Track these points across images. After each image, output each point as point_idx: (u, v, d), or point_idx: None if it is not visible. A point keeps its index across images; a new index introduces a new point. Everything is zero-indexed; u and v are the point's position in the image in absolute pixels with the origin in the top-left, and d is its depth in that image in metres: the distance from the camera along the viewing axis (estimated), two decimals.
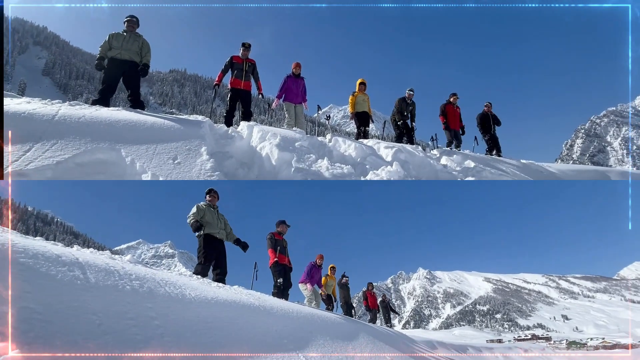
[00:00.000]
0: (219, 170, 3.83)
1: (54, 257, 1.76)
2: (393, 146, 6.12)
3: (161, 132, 4.18)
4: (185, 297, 2.22)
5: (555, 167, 8.28)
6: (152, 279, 2.17)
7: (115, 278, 1.92)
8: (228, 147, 4.65)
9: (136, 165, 3.61)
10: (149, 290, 2.02)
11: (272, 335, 2.51)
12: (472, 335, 78.07)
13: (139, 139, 3.97)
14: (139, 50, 5.41)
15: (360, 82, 7.89)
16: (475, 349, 14.63)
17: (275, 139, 4.85)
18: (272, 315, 2.86)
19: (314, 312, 3.78)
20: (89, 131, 3.82)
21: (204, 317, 2.16)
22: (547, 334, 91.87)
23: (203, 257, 4.14)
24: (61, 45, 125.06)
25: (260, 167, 4.53)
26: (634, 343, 46.30)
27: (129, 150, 3.77)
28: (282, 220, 5.66)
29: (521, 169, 7.11)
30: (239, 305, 2.64)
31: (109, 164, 3.60)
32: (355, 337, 3.53)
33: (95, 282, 1.78)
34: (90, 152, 3.57)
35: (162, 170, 3.65)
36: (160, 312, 1.91)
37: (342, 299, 8.29)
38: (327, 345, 2.88)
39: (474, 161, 6.54)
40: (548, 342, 59.25)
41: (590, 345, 54.11)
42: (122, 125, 4.09)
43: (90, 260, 1.94)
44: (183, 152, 3.96)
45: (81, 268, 1.81)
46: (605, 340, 60.67)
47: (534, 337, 77.38)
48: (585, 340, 62.59)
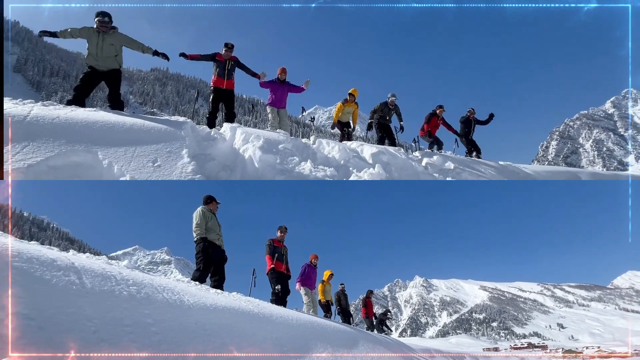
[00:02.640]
0: (200, 173, 3.74)
1: (49, 261, 1.70)
2: (376, 148, 6.15)
3: (140, 133, 4.05)
4: (183, 303, 2.16)
5: (531, 168, 8.65)
6: (149, 284, 2.11)
7: (112, 283, 1.86)
8: (210, 149, 4.54)
9: (114, 169, 3.50)
10: (147, 296, 1.96)
11: (271, 343, 2.45)
12: (468, 344, 77.61)
13: (117, 141, 3.84)
14: (115, 55, 5.00)
15: (351, 92, 7.95)
16: (472, 358, 14.51)
17: (259, 141, 4.76)
18: (271, 322, 2.80)
19: (313, 320, 3.70)
20: (63, 133, 3.67)
21: (202, 323, 2.10)
22: (543, 343, 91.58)
23: (202, 263, 4.05)
24: (34, 40, 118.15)
25: (243, 170, 4.44)
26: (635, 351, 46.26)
27: (106, 153, 3.64)
28: (280, 226, 5.60)
29: (499, 170, 7.34)
30: (237, 312, 2.57)
31: (85, 167, 3.47)
32: (355, 345, 3.46)
33: (92, 287, 1.72)
34: (64, 155, 3.44)
35: (141, 173, 3.54)
36: (157, 319, 1.85)
37: (338, 308, 8.20)
38: (327, 352, 2.81)
39: (454, 163, 6.63)
40: (544, 350, 59.03)
41: (586, 354, 53.97)
42: (99, 126, 3.94)
43: (86, 265, 1.88)
44: (163, 154, 3.84)
45: (77, 273, 1.75)
46: (600, 349, 60.56)
47: (530, 346, 77.09)
48: (581, 349, 62.45)
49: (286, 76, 7.07)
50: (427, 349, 11.05)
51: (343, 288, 8.54)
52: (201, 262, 4.06)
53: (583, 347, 69.30)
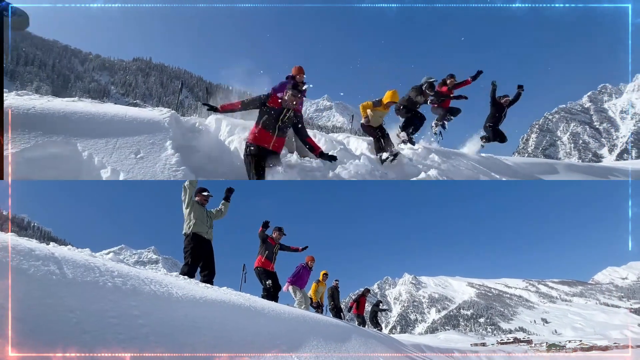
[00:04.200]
0: (185, 165, 3.66)
1: (27, 250, 1.60)
2: (362, 140, 6.18)
3: (122, 124, 3.93)
4: (172, 295, 2.08)
5: (511, 160, 8.87)
6: (136, 276, 2.03)
7: (95, 274, 1.77)
8: (195, 141, 4.47)
9: (94, 160, 3.40)
10: (133, 288, 1.88)
11: (264, 336, 2.39)
12: (457, 339, 78.90)
13: (98, 132, 3.72)
14: None
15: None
16: (461, 352, 14.73)
17: (245, 132, 4.70)
18: (263, 315, 2.74)
19: (306, 314, 3.66)
20: (40, 124, 3.53)
21: (192, 316, 2.03)
22: (529, 337, 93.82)
23: (190, 257, 3.94)
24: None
25: (230, 162, 4.38)
26: (613, 343, 47.82)
27: (86, 144, 3.53)
28: (277, 227, 5.57)
29: (481, 162, 7.45)
30: (228, 306, 2.50)
31: (63, 158, 3.36)
32: (348, 339, 3.43)
33: (73, 278, 1.63)
34: (41, 147, 3.32)
35: (123, 165, 3.44)
36: (144, 311, 1.77)
37: (331, 303, 8.18)
38: (320, 346, 2.77)
39: (437, 155, 6.68)
40: (529, 344, 60.45)
41: (569, 347, 55.49)
42: (78, 117, 3.81)
43: (67, 256, 1.78)
44: (146, 146, 3.74)
45: (57, 263, 1.65)
46: (582, 342, 62.38)
47: (516, 340, 78.84)
48: (564, 343, 64.18)
49: None
50: (417, 344, 11.15)
51: (337, 284, 8.51)
52: (189, 256, 3.95)
53: (566, 341, 71.28)
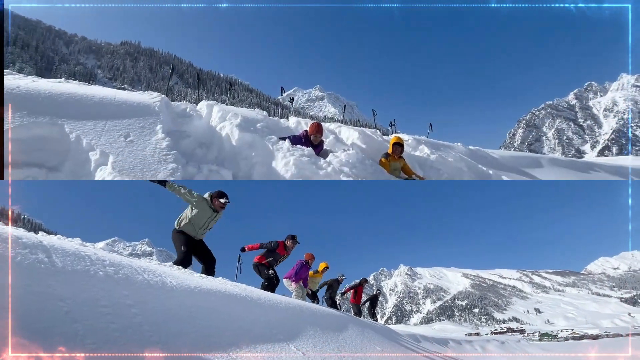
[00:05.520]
0: (175, 150, 3.62)
1: (13, 239, 1.55)
2: (354, 130, 6.16)
3: (111, 107, 3.84)
4: (166, 285, 2.04)
5: (498, 153, 9.23)
6: (128, 265, 1.98)
7: (86, 263, 1.73)
8: (185, 126, 4.42)
9: (82, 142, 3.33)
10: (125, 277, 1.83)
11: (260, 326, 2.37)
12: (451, 330, 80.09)
13: (86, 114, 3.63)
14: None
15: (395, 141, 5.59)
16: (455, 342, 14.92)
17: (236, 119, 4.63)
18: (259, 305, 2.72)
19: (302, 304, 3.65)
20: (24, 104, 3.43)
21: (187, 306, 2.00)
22: (522, 327, 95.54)
23: (182, 246, 3.75)
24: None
25: (220, 148, 4.32)
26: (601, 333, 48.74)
27: (73, 126, 3.45)
28: (293, 236, 5.46)
29: (469, 154, 7.61)
30: (224, 295, 2.47)
31: (50, 140, 3.29)
32: (344, 328, 3.43)
33: (63, 266, 1.59)
34: (26, 127, 3.23)
35: (112, 148, 3.38)
36: (138, 300, 1.73)
37: (327, 293, 8.20)
38: (317, 336, 2.76)
39: (427, 146, 6.71)
40: (522, 334, 61.59)
41: (560, 336, 56.61)
42: (65, 98, 3.72)
43: (56, 245, 1.74)
44: (136, 129, 3.67)
45: (46, 252, 1.61)
46: (574, 331, 63.64)
47: (509, 330, 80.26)
48: (556, 332, 65.47)
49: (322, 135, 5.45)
50: (413, 334, 11.27)
51: (341, 279, 8.49)
52: (181, 244, 3.76)
53: (558, 330, 72.76)
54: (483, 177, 6.56)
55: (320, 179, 4.19)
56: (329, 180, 4.27)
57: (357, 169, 4.51)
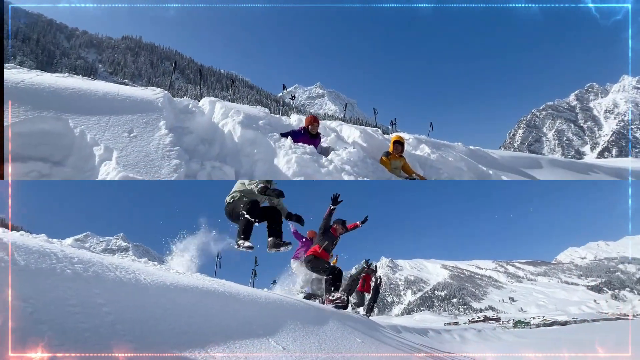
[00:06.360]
0: (178, 146, 3.61)
1: None
2: (355, 128, 6.23)
3: (115, 102, 3.84)
4: (139, 282, 1.98)
5: (497, 153, 9.40)
6: (99, 263, 1.91)
7: (52, 261, 1.65)
8: (188, 123, 4.41)
9: (86, 137, 3.31)
10: (95, 275, 1.76)
11: (239, 321, 2.35)
12: (431, 320, 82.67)
13: (90, 109, 3.62)
14: None
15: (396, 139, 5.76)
16: (435, 332, 15.40)
17: (239, 116, 4.63)
18: (238, 301, 2.69)
19: (282, 298, 3.65)
20: (28, 98, 3.40)
21: (162, 303, 1.95)
22: (497, 315, 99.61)
23: (245, 210, 3.36)
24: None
25: (222, 145, 4.34)
26: (573, 319, 51.56)
27: (77, 121, 3.44)
28: (340, 220, 5.06)
29: (469, 154, 7.74)
30: (201, 291, 2.43)
31: (54, 135, 3.27)
32: (325, 322, 3.45)
33: (26, 264, 1.50)
34: (31, 122, 3.19)
35: (116, 143, 3.37)
36: (110, 299, 1.67)
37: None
38: (297, 329, 2.76)
39: (427, 146, 6.84)
40: (498, 322, 64.30)
41: (532, 323, 59.49)
42: (70, 93, 3.70)
43: (18, 241, 1.64)
44: (140, 125, 3.67)
45: (5, 249, 1.52)
46: (545, 318, 67.11)
47: (485, 319, 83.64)
48: (529, 320, 68.76)
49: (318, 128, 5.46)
50: (394, 325, 11.52)
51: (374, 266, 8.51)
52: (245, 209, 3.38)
53: (530, 317, 76.41)
54: (483, 177, 6.66)
55: (322, 177, 4.20)
56: (330, 180, 4.26)
57: (359, 168, 4.57)
